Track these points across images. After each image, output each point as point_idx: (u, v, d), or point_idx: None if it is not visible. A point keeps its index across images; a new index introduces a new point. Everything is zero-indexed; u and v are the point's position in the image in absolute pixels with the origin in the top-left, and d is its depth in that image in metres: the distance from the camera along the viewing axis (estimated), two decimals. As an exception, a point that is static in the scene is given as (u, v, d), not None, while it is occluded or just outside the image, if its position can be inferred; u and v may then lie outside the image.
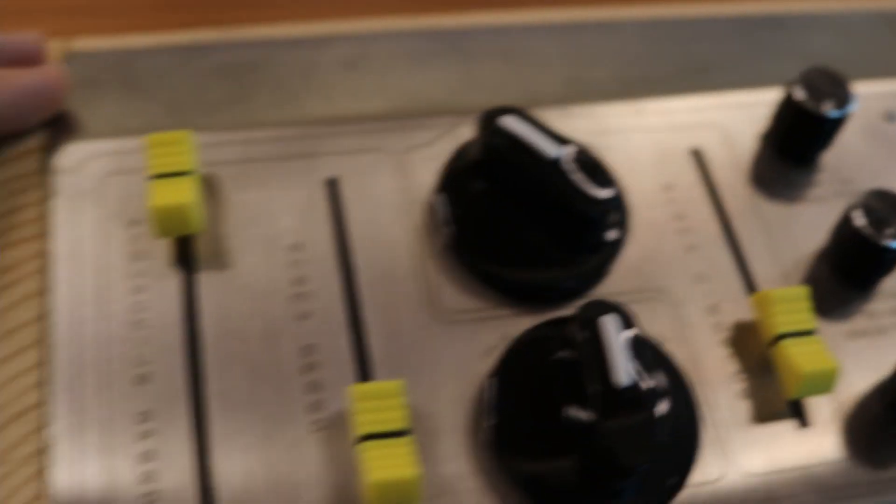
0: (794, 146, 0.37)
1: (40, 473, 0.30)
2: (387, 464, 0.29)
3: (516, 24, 0.40)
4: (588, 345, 0.29)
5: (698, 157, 0.37)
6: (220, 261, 0.33)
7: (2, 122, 0.34)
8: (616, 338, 0.30)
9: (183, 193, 0.32)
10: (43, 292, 0.32)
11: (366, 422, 0.30)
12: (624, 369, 0.29)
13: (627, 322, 0.30)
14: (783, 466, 0.32)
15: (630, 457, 0.28)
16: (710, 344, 0.34)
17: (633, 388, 0.29)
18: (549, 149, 0.32)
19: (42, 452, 0.30)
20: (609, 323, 0.30)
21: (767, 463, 0.32)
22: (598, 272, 0.34)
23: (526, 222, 0.34)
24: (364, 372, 0.32)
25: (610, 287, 0.34)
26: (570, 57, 0.40)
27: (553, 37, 0.40)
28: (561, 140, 0.33)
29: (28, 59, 0.35)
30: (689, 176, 0.37)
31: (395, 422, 0.30)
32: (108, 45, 0.38)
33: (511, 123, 0.33)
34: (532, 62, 0.40)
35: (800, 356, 0.32)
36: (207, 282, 0.33)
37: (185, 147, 0.33)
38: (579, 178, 0.32)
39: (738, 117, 0.38)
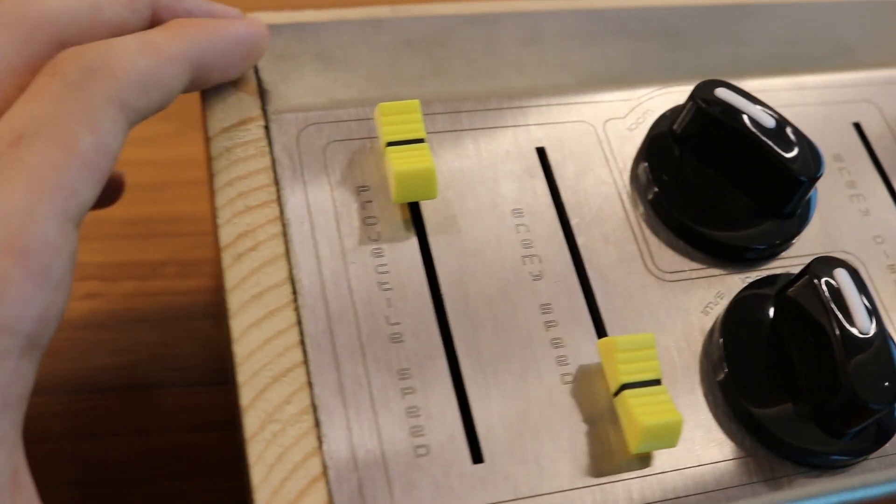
0: (943, 119, 0.40)
1: (311, 430, 0.31)
2: (652, 409, 0.31)
3: (668, 7, 0.42)
4: (830, 294, 0.32)
5: (859, 130, 0.40)
6: (449, 225, 0.35)
7: (210, 73, 0.34)
8: (851, 287, 0.32)
9: (424, 159, 0.33)
10: (285, 256, 0.33)
11: (626, 371, 0.32)
12: (863, 315, 0.32)
13: (856, 274, 0.33)
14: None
15: (878, 396, 0.31)
16: (894, 300, 0.36)
17: (872, 333, 0.32)
18: (764, 118, 0.35)
19: (310, 410, 0.31)
20: (843, 275, 0.32)
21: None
22: (794, 235, 0.36)
23: (729, 187, 0.36)
24: (599, 328, 0.34)
25: (801, 249, 0.37)
26: (723, 37, 0.42)
27: (702, 18, 0.43)
28: (772, 110, 0.35)
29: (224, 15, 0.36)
30: (853, 147, 0.39)
31: (651, 371, 0.32)
32: (287, 19, 0.39)
33: (726, 94, 0.35)
34: (690, 42, 0.42)
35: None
36: (440, 245, 0.34)
37: (415, 116, 0.34)
38: (793, 147, 0.35)
39: (889, 92, 0.41)
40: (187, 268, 0.46)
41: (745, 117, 0.35)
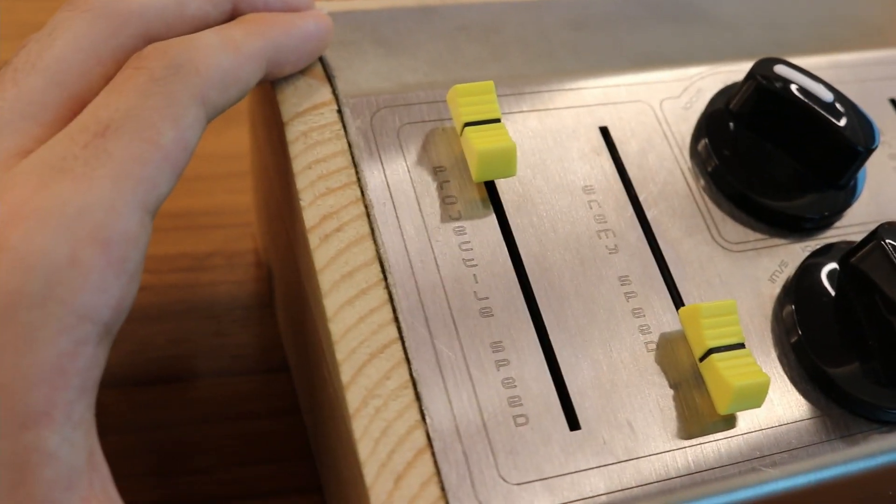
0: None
1: (412, 404, 0.31)
2: (740, 371, 0.32)
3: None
4: (898, 256, 0.34)
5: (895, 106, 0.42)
6: (524, 203, 0.35)
7: (283, 67, 0.35)
8: (918, 250, 0.34)
9: (503, 139, 0.34)
10: (370, 235, 0.34)
11: (711, 336, 0.33)
12: (933, 277, 0.33)
13: (921, 238, 0.34)
14: None
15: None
16: (943, 264, 0.38)
17: (943, 294, 0.33)
18: (822, 92, 0.36)
19: (409, 384, 0.31)
20: (910, 239, 0.34)
21: None
22: (847, 205, 0.38)
23: (785, 160, 0.37)
24: (675, 297, 0.35)
25: (853, 219, 0.38)
26: (760, 20, 0.44)
27: (738, 3, 0.44)
28: (828, 85, 0.37)
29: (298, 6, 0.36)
30: (891, 122, 0.41)
31: (734, 336, 0.33)
32: (342, 7, 0.40)
33: (785, 70, 0.36)
34: (730, 25, 0.43)
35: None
36: (519, 222, 0.35)
37: (491, 97, 0.35)
38: (849, 119, 0.36)
39: (920, 69, 0.43)
40: (233, 258, 0.46)
41: (803, 92, 0.36)
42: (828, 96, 0.36)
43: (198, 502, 0.38)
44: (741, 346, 0.33)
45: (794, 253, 0.37)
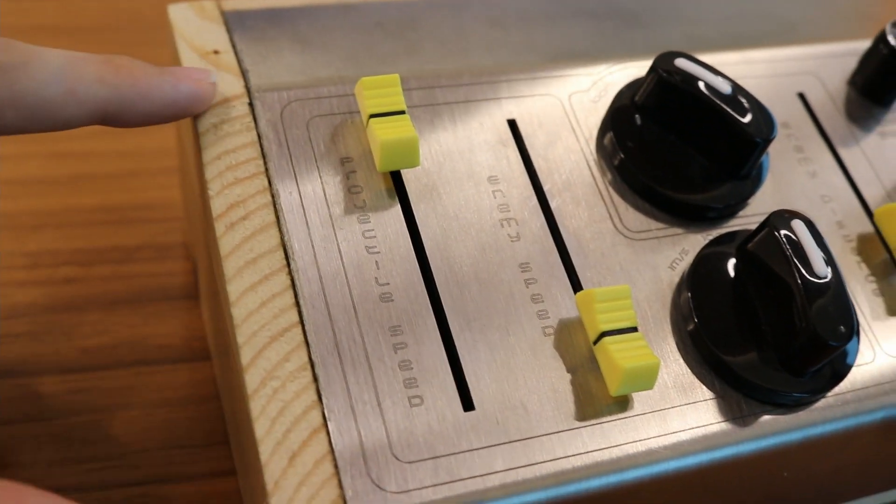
0: (879, 89, 0.43)
1: (310, 385, 0.32)
2: (631, 354, 0.33)
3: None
4: (788, 244, 0.34)
5: (804, 100, 0.43)
6: (430, 193, 0.36)
7: (123, 119, 0.34)
8: (808, 236, 0.35)
9: (406, 130, 0.35)
10: (275, 224, 0.35)
11: (604, 320, 0.34)
12: (820, 262, 0.34)
13: (811, 224, 0.35)
14: (919, 350, 0.38)
15: (838, 335, 0.33)
16: (843, 252, 0.39)
17: (829, 277, 0.34)
18: (721, 85, 0.37)
19: (308, 366, 0.32)
20: (799, 225, 0.35)
21: (907, 348, 0.38)
22: (749, 195, 0.39)
23: (689, 152, 0.38)
24: (575, 284, 0.36)
25: (756, 208, 0.39)
26: (675, 16, 0.45)
27: (654, 0, 0.45)
28: (728, 79, 0.38)
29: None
30: (798, 116, 0.42)
31: (627, 320, 0.34)
32: (258, 4, 0.41)
33: (685, 64, 0.37)
34: (645, 21, 0.44)
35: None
36: (423, 211, 0.36)
37: (396, 89, 0.36)
38: (748, 111, 0.37)
39: (829, 65, 0.44)
40: (162, 251, 0.47)
41: (703, 85, 0.37)
42: (727, 89, 0.37)
43: (112, 487, 0.39)
44: (634, 329, 0.34)
45: (696, 242, 0.38)
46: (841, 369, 0.36)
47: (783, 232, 0.35)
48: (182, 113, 0.35)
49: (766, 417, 0.35)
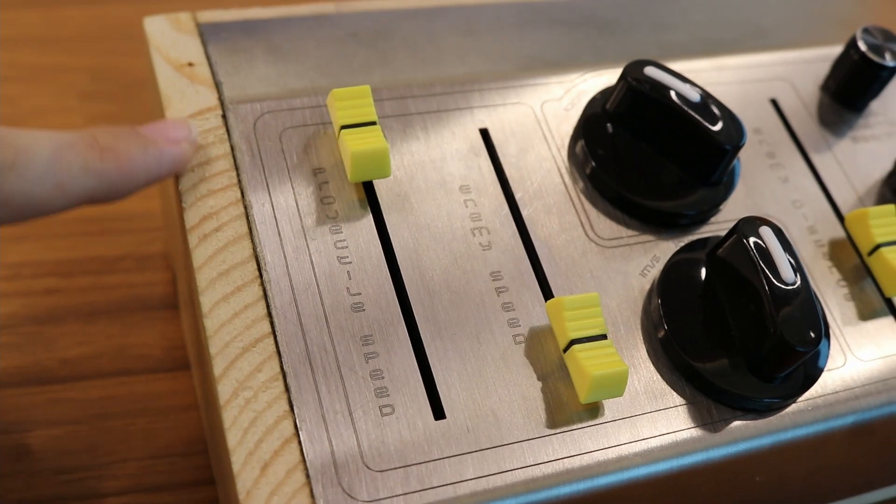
0: (850, 94, 0.43)
1: (282, 395, 0.32)
2: (600, 361, 0.33)
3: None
4: (756, 251, 0.35)
5: (776, 106, 0.43)
6: (402, 202, 0.37)
7: (108, 198, 0.34)
8: (775, 243, 0.35)
9: (377, 140, 0.35)
10: (248, 235, 0.35)
11: (573, 328, 0.34)
12: (788, 269, 0.35)
13: (779, 231, 0.36)
14: (889, 353, 0.38)
15: (804, 340, 0.34)
16: (815, 257, 0.40)
17: (797, 284, 0.34)
18: (690, 93, 0.37)
19: (280, 377, 0.33)
20: (767, 232, 0.35)
21: (876, 350, 0.38)
22: (721, 201, 0.39)
23: (660, 159, 0.39)
24: (546, 292, 0.36)
25: (728, 214, 0.39)
26: (647, 23, 0.45)
27: (627, 6, 0.46)
28: (697, 86, 0.38)
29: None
30: (771, 121, 0.43)
31: (597, 327, 0.34)
32: (236, 16, 0.41)
33: (655, 72, 0.38)
34: (617, 29, 0.45)
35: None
36: (395, 221, 0.36)
37: (367, 100, 0.36)
38: (717, 119, 0.37)
39: (801, 71, 0.44)
40: (142, 262, 0.47)
41: (672, 93, 0.37)
42: (696, 97, 0.37)
43: (92, 498, 0.40)
44: (603, 337, 0.34)
45: (668, 248, 0.38)
46: (811, 374, 0.36)
47: (751, 239, 0.35)
48: (165, 179, 0.36)
49: (736, 423, 0.35)
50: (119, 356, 0.44)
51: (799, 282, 0.35)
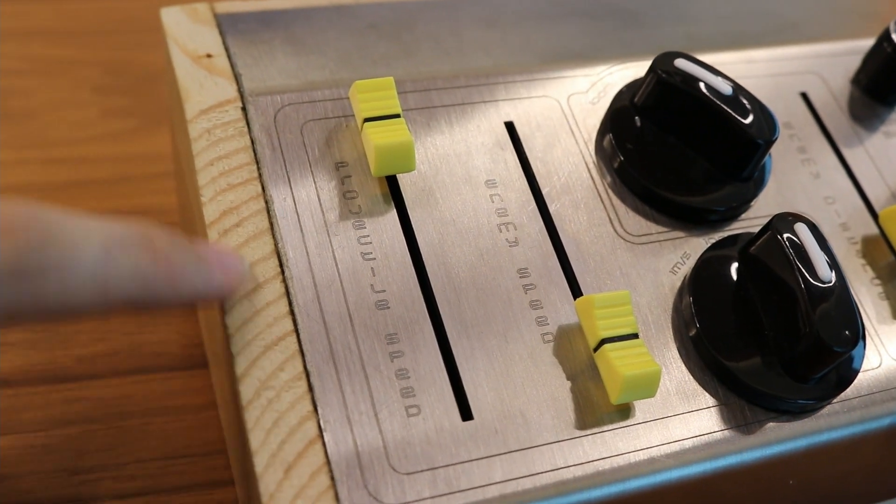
0: (883, 88, 0.42)
1: (305, 395, 0.32)
2: (631, 361, 0.32)
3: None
4: (791, 247, 0.34)
5: (806, 99, 0.42)
6: (426, 197, 0.36)
7: (146, 309, 0.31)
8: (811, 240, 0.34)
9: (401, 134, 0.35)
10: (269, 230, 0.34)
11: (604, 326, 0.33)
12: (824, 266, 0.34)
13: (814, 227, 0.35)
14: (926, 354, 0.37)
15: (840, 340, 0.33)
16: (848, 255, 0.39)
17: (833, 281, 0.34)
18: (721, 86, 0.36)
19: (303, 376, 0.32)
20: (803, 229, 0.34)
21: (913, 351, 0.37)
22: (752, 197, 0.38)
23: (690, 154, 0.38)
24: (574, 289, 0.35)
25: (759, 211, 0.39)
26: (674, 16, 0.44)
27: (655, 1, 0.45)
28: (729, 79, 0.37)
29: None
30: (801, 116, 0.42)
31: (628, 326, 0.33)
32: (251, 7, 0.40)
33: (685, 64, 0.37)
34: (644, 21, 0.44)
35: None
36: (420, 216, 0.35)
37: (391, 92, 0.35)
38: (749, 112, 0.36)
39: (832, 64, 0.43)
40: (158, 258, 0.46)
41: (703, 85, 0.36)
42: (727, 89, 0.37)
43: (108, 499, 0.39)
44: (635, 336, 0.33)
45: (698, 245, 0.37)
46: (847, 375, 0.35)
47: (786, 235, 0.34)
48: (204, 302, 0.33)
49: (770, 424, 0.34)
50: (135, 354, 0.43)
51: (835, 279, 0.34)
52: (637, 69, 0.40)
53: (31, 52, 0.55)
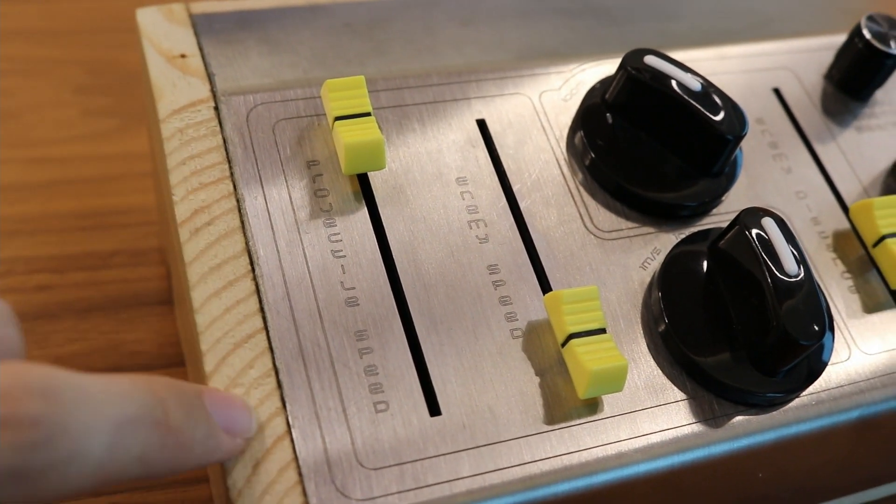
0: (855, 83, 0.43)
1: (274, 392, 0.32)
2: (598, 356, 0.33)
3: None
4: (758, 242, 0.34)
5: (779, 95, 0.42)
6: (397, 195, 0.36)
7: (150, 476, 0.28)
8: (778, 235, 0.34)
9: (371, 132, 0.35)
10: (240, 229, 0.34)
11: (572, 322, 0.33)
12: (791, 260, 0.34)
13: (782, 222, 0.35)
14: (895, 346, 0.37)
15: (807, 333, 0.33)
16: (819, 249, 0.39)
17: (800, 276, 0.34)
18: (691, 82, 0.37)
19: (272, 373, 0.32)
20: (770, 223, 0.35)
21: (881, 344, 0.37)
22: (723, 192, 0.38)
23: (660, 150, 0.38)
24: (544, 285, 0.35)
25: (730, 206, 0.39)
26: (649, 13, 0.45)
27: (627, -4, 0.45)
28: (698, 75, 0.37)
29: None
30: (774, 111, 0.42)
31: (596, 321, 0.33)
32: (227, 7, 0.40)
33: (655, 61, 0.37)
34: (619, 18, 0.44)
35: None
36: (390, 213, 0.36)
37: (361, 91, 0.36)
38: (719, 108, 0.37)
39: (805, 60, 0.44)
40: (136, 257, 0.47)
41: (673, 82, 0.37)
42: (697, 86, 0.37)
43: (83, 497, 0.39)
44: (602, 331, 0.33)
45: (668, 241, 0.37)
46: (815, 368, 0.36)
47: (754, 230, 0.35)
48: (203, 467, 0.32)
49: (738, 418, 0.34)
50: (112, 353, 0.43)
51: (802, 274, 0.34)
52: (610, 66, 0.41)
53: (12, 51, 0.56)
